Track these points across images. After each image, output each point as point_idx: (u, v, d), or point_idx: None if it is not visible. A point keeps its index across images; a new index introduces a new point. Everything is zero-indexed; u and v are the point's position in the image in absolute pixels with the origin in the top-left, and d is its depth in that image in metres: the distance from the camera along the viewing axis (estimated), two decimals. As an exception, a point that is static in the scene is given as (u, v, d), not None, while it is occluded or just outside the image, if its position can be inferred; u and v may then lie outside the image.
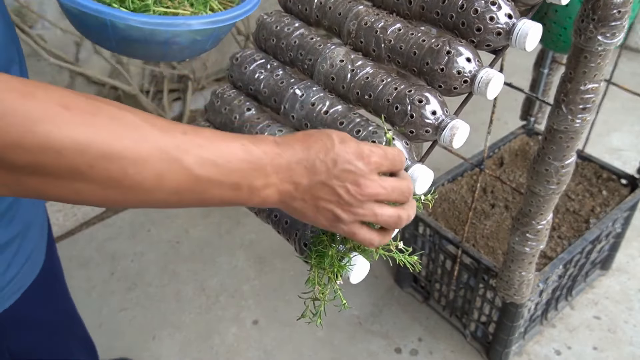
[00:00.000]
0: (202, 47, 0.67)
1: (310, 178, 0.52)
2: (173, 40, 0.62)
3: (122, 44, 0.63)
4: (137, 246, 1.88)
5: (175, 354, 1.56)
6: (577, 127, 0.94)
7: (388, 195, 0.55)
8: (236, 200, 0.50)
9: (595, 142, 2.18)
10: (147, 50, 0.64)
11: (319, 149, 0.52)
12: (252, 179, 0.49)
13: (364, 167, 0.53)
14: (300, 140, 0.52)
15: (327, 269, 0.63)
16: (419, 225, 1.50)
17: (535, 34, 0.66)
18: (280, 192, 0.52)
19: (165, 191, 0.46)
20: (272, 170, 0.50)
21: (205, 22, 0.62)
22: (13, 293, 0.76)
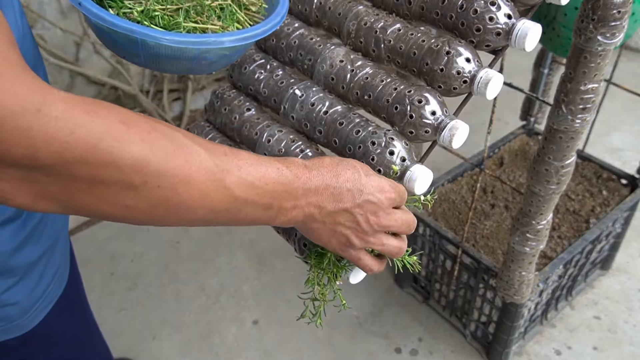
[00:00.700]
0: (229, 61, 0.68)
1: (335, 204, 0.55)
2: (202, 57, 0.63)
3: (151, 60, 0.63)
4: (137, 246, 1.88)
5: (175, 354, 1.56)
6: (577, 127, 0.94)
7: (399, 228, 0.59)
8: (265, 219, 0.53)
9: (595, 142, 2.18)
10: (176, 65, 0.65)
11: (347, 178, 0.55)
12: (282, 201, 0.52)
13: (384, 200, 0.57)
14: (329, 167, 0.56)
15: (326, 269, 0.63)
16: (419, 225, 1.50)
17: (534, 34, 0.66)
18: (305, 214, 0.55)
19: (205, 210, 0.48)
20: (302, 194, 0.53)
21: (236, 39, 0.62)
22: (43, 309, 0.75)
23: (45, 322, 0.77)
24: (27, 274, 0.70)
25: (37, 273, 0.72)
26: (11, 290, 0.68)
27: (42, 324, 0.76)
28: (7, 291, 0.68)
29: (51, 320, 0.78)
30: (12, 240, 0.65)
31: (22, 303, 0.71)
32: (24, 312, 0.72)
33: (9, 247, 0.65)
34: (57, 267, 0.77)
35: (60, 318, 0.81)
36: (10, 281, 0.68)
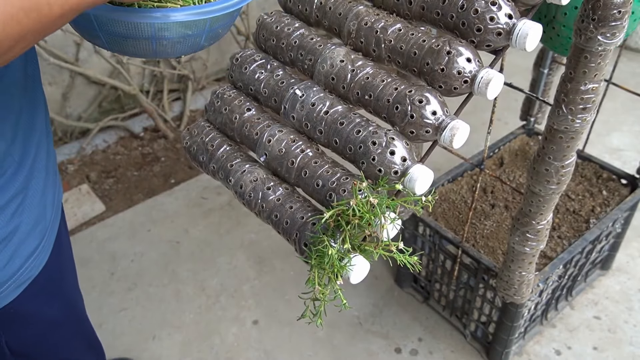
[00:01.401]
0: (197, 42, 0.65)
1: None
2: (161, 35, 0.61)
3: (111, 41, 0.62)
4: (137, 246, 1.88)
5: (175, 354, 1.56)
6: (577, 127, 0.94)
7: None
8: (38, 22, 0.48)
9: (595, 142, 2.18)
10: (137, 46, 0.63)
11: None
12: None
13: None
14: None
15: (327, 269, 0.63)
16: (419, 225, 1.50)
17: (535, 34, 0.66)
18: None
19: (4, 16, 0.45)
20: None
21: (189, 14, 0.60)
22: (15, 288, 0.76)
23: (19, 301, 0.77)
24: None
25: (9, 250, 0.72)
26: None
27: (15, 302, 0.76)
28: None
29: (26, 299, 0.78)
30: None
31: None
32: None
33: None
34: (36, 247, 0.77)
35: (36, 299, 0.81)
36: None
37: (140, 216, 1.99)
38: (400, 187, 0.66)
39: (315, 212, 0.70)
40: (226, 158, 0.78)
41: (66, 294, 0.94)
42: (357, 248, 0.65)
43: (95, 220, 1.98)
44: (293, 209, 0.70)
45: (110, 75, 2.24)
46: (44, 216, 0.78)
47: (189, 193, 2.09)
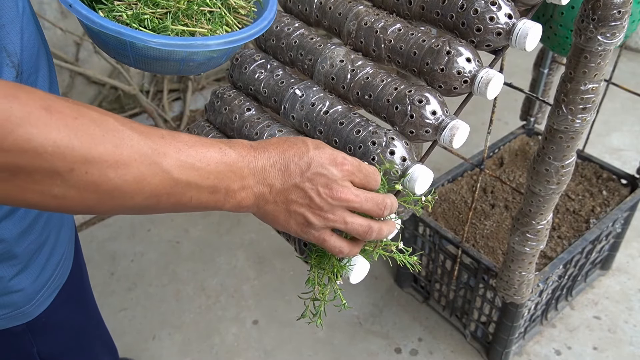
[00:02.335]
0: (217, 62, 0.69)
1: (283, 180, 0.53)
2: (190, 58, 0.64)
3: (140, 61, 0.64)
4: (137, 246, 1.88)
5: (175, 354, 1.56)
6: (577, 127, 0.94)
7: (361, 204, 0.56)
8: (213, 204, 0.51)
9: (595, 142, 2.18)
10: (164, 66, 0.65)
11: (293, 153, 0.53)
12: (229, 182, 0.50)
13: (336, 173, 0.54)
14: (275, 145, 0.54)
15: (327, 269, 0.63)
16: (419, 225, 1.50)
17: (535, 34, 0.66)
18: (255, 194, 0.53)
19: (144, 195, 0.46)
20: (249, 173, 0.51)
21: (222, 42, 0.63)
22: (48, 296, 0.75)
23: (50, 310, 0.77)
24: (31, 261, 0.70)
25: (42, 260, 0.72)
26: (17, 278, 0.68)
27: (47, 311, 0.76)
28: (13, 278, 0.68)
29: (56, 307, 0.78)
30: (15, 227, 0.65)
31: (27, 290, 0.71)
32: (29, 299, 0.72)
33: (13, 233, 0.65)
34: (62, 254, 0.77)
35: (65, 306, 0.81)
36: (15, 268, 0.68)
37: (140, 216, 1.99)
38: (400, 187, 0.66)
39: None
40: (226, 158, 0.78)
41: (87, 299, 0.94)
42: (357, 248, 0.65)
43: (95, 220, 1.98)
44: (293, 209, 0.70)
45: (110, 75, 2.24)
46: (64, 222, 0.78)
47: (189, 193, 2.09)
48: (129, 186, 0.45)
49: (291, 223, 0.56)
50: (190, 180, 0.48)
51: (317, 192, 0.54)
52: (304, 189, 0.53)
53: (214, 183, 0.50)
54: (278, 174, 0.53)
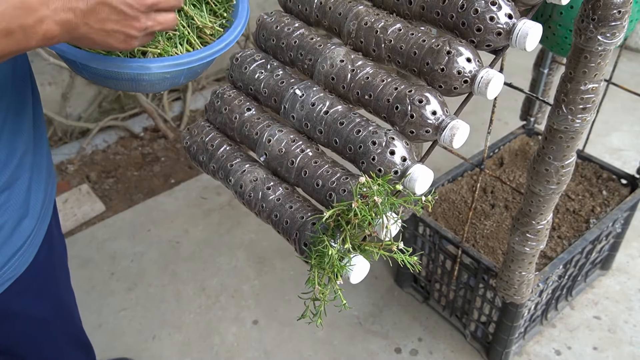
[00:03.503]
0: (175, 82, 0.69)
1: (86, 0, 0.52)
2: (140, 78, 0.64)
3: (94, 78, 0.66)
4: (137, 246, 1.88)
5: (175, 354, 1.56)
6: (577, 127, 0.94)
7: (166, 2, 0.57)
8: (16, 46, 0.50)
9: (595, 142, 2.18)
10: (118, 84, 0.67)
11: None
12: (20, 19, 0.49)
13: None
14: None
15: (327, 269, 0.63)
16: (419, 225, 1.50)
17: (535, 34, 0.66)
18: (58, 22, 0.51)
19: None
20: (40, 3, 0.50)
21: (165, 65, 0.63)
22: None
23: (2, 299, 0.77)
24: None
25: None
26: None
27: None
28: None
29: (8, 297, 0.78)
30: None
31: None
32: None
33: None
34: (20, 246, 0.77)
35: (19, 297, 0.81)
36: None
37: (140, 216, 1.99)
38: (400, 187, 0.66)
39: (315, 211, 0.70)
40: (226, 158, 0.78)
41: (55, 293, 0.93)
42: (357, 248, 0.65)
43: (95, 220, 1.98)
44: (293, 208, 0.70)
45: (110, 75, 2.23)
46: (28, 215, 0.77)
47: (189, 193, 2.09)
48: None
49: (111, 41, 0.56)
50: None
51: (126, 4, 0.54)
52: (112, 5, 0.53)
53: (5, 26, 0.48)
54: None
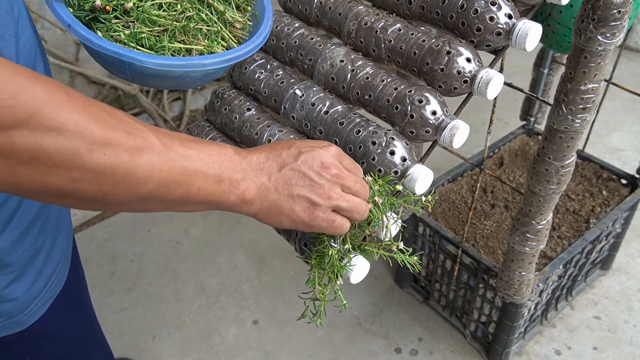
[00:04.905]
0: (213, 77, 0.71)
1: (279, 167, 0.56)
2: (187, 75, 0.66)
3: (138, 78, 0.66)
4: (137, 246, 1.88)
5: (175, 354, 1.56)
6: (577, 127, 0.94)
7: (354, 182, 0.59)
8: (219, 196, 0.53)
9: (595, 142, 2.18)
10: (161, 82, 0.67)
11: (282, 146, 0.57)
12: (231, 172, 0.53)
13: (324, 152, 0.58)
14: (262, 145, 0.58)
15: (327, 269, 0.63)
16: (419, 225, 1.50)
17: (535, 34, 0.66)
18: (257, 184, 0.55)
19: (155, 182, 0.47)
20: (247, 165, 0.55)
21: (219, 61, 0.65)
22: (42, 305, 0.75)
23: (44, 319, 0.76)
24: (25, 269, 0.69)
25: (36, 269, 0.71)
26: (10, 287, 0.68)
27: (41, 320, 0.76)
28: (6, 287, 0.68)
29: (50, 317, 0.77)
30: (9, 235, 0.64)
31: (20, 299, 0.70)
32: (23, 309, 0.71)
33: (6, 241, 0.64)
34: (57, 263, 0.76)
35: (60, 315, 0.81)
36: (8, 277, 0.67)
37: (140, 216, 1.99)
38: (400, 188, 0.66)
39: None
40: (226, 158, 0.78)
41: (84, 308, 0.93)
42: (357, 248, 0.65)
43: (95, 220, 1.98)
44: (293, 209, 0.70)
45: (110, 75, 2.24)
46: (60, 230, 0.77)
47: (189, 193, 2.09)
48: (142, 171, 0.46)
49: (297, 210, 0.57)
50: (197, 168, 0.50)
51: (315, 171, 0.56)
52: (302, 171, 0.56)
53: (218, 172, 0.52)
54: (273, 163, 0.56)
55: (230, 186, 0.53)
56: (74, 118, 0.42)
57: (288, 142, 0.58)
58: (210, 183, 0.51)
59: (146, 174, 0.47)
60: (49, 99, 0.41)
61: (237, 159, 0.54)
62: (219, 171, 0.52)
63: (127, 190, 0.47)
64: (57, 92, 0.42)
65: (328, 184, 0.57)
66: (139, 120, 0.48)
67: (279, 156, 0.56)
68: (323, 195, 0.57)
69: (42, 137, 0.41)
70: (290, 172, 0.56)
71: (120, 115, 0.46)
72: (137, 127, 0.47)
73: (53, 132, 0.41)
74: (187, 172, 0.49)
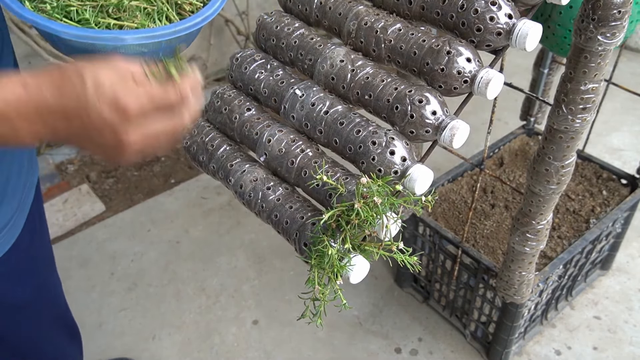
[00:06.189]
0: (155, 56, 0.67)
1: (66, 126, 0.50)
2: (117, 52, 0.63)
3: (71, 51, 0.65)
4: (137, 246, 1.88)
5: (175, 354, 1.56)
6: (577, 127, 0.94)
7: (156, 138, 0.53)
8: (7, 137, 0.50)
9: (595, 142, 2.18)
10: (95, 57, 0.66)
11: (70, 94, 0.49)
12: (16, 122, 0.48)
13: (118, 119, 0.50)
14: (51, 82, 0.49)
15: (327, 269, 0.63)
16: (419, 225, 1.50)
17: (535, 34, 0.66)
18: (34, 133, 0.50)
19: None
20: (17, 116, 0.49)
21: (140, 37, 0.62)
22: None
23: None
24: None
25: None
26: None
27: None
28: None
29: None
30: None
31: None
32: None
33: None
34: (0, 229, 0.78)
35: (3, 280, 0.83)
36: None
37: (140, 216, 1.99)
38: (400, 187, 0.66)
39: (315, 211, 0.70)
40: (226, 158, 0.79)
41: (37, 278, 0.93)
42: (357, 248, 0.65)
43: (95, 220, 1.97)
44: (293, 208, 0.70)
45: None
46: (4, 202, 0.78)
47: (189, 193, 2.09)
48: None
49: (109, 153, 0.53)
50: None
51: (106, 138, 0.51)
52: (93, 137, 0.51)
53: None
54: (58, 120, 0.50)
55: (15, 131, 0.49)
56: None
57: (75, 87, 0.49)
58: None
59: None
60: None
61: (5, 110, 0.48)
62: None
63: None
64: None
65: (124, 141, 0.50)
66: None
67: (65, 115, 0.49)
68: (123, 147, 0.51)
69: None
70: (83, 132, 0.50)
71: None
72: None
73: None
74: None
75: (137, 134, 0.51)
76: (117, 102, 0.49)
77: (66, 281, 1.74)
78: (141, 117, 0.51)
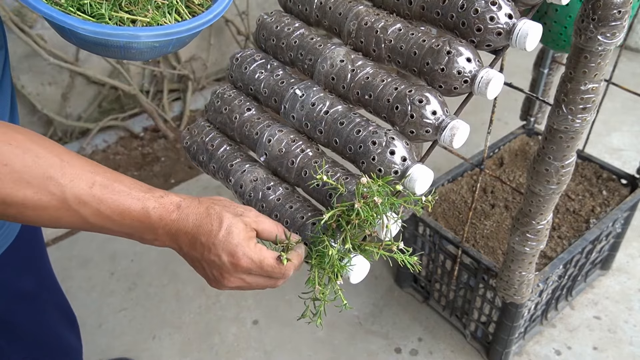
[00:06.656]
0: (164, 52, 0.69)
1: (189, 249, 0.61)
2: (129, 46, 0.65)
3: (83, 45, 0.66)
4: (137, 246, 1.88)
5: (175, 354, 1.56)
6: (577, 127, 0.94)
7: (249, 287, 0.63)
8: (127, 237, 0.60)
9: (595, 142, 2.18)
10: (107, 51, 0.67)
11: (205, 231, 0.60)
12: (142, 233, 0.59)
13: (229, 266, 0.60)
14: (197, 214, 0.60)
15: (327, 269, 0.63)
16: (419, 225, 1.50)
17: (535, 34, 0.66)
18: (164, 243, 0.61)
19: (58, 225, 0.55)
20: (162, 233, 0.59)
21: (154, 35, 0.64)
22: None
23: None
24: None
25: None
26: None
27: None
28: None
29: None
30: None
31: None
32: None
33: None
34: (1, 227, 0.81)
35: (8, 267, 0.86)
36: None
37: (140, 216, 1.99)
38: (401, 187, 0.66)
39: (315, 211, 0.70)
40: (226, 158, 0.79)
41: (42, 266, 0.99)
42: (357, 248, 0.65)
43: (95, 220, 1.97)
44: (293, 208, 0.70)
45: (110, 75, 2.23)
46: None
47: (189, 193, 2.09)
48: (44, 222, 0.54)
49: (201, 273, 0.64)
50: (104, 226, 0.56)
51: (212, 273, 0.62)
52: (203, 266, 0.62)
53: (129, 231, 0.58)
54: (187, 242, 0.60)
55: (141, 239, 0.60)
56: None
57: (212, 227, 0.60)
58: (119, 234, 0.59)
59: (46, 224, 0.55)
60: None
61: (155, 227, 0.58)
62: (129, 231, 0.58)
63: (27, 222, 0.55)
64: None
65: (226, 279, 0.61)
66: (70, 170, 0.53)
67: (194, 243, 0.60)
68: (224, 282, 0.62)
69: None
70: (196, 260, 0.61)
71: (43, 161, 0.52)
72: (55, 184, 0.52)
73: None
74: (94, 227, 0.57)
75: (236, 281, 0.61)
76: (235, 254, 0.59)
77: (66, 281, 1.74)
78: (245, 273, 0.61)
